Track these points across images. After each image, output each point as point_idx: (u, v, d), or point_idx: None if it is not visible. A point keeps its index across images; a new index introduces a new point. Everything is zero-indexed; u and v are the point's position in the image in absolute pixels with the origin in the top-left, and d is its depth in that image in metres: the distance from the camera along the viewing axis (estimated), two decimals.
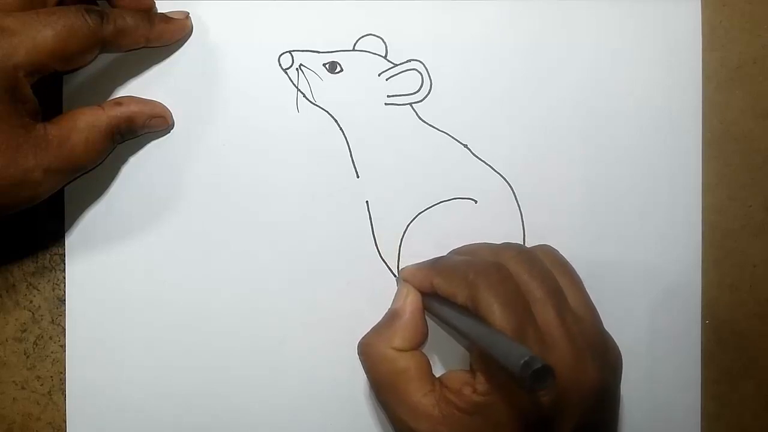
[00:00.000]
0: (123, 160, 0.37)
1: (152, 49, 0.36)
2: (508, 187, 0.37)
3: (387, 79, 0.37)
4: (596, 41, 0.38)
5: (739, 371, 0.38)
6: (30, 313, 0.37)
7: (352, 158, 0.37)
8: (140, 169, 0.37)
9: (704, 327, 0.38)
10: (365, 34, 0.37)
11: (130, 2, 0.34)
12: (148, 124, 0.36)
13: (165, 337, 0.37)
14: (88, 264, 0.37)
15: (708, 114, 0.38)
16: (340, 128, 0.37)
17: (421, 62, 0.37)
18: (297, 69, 0.37)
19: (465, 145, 0.37)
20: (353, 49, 0.37)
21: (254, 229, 0.37)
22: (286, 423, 0.37)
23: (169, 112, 0.37)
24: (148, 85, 0.37)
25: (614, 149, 0.38)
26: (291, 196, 0.37)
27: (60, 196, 0.37)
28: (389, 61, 0.37)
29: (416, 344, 0.33)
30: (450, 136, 0.37)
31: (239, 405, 0.37)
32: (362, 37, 0.37)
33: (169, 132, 0.37)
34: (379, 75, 0.37)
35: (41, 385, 0.37)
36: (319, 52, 0.37)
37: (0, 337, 0.37)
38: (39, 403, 0.37)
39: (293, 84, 0.37)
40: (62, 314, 0.37)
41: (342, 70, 0.37)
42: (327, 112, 0.37)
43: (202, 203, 0.37)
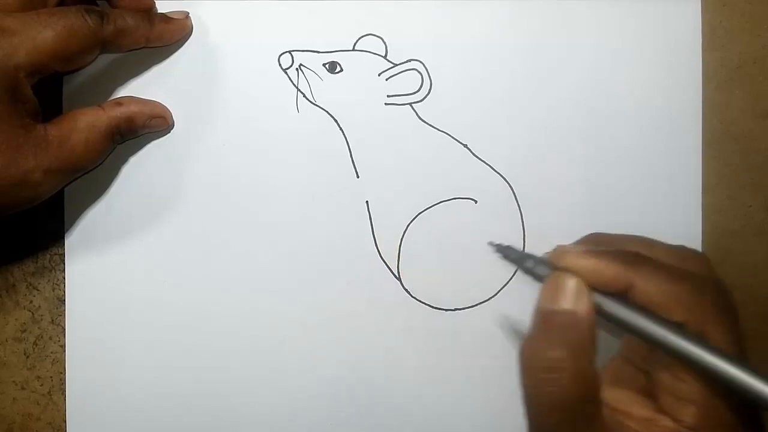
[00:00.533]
0: (123, 160, 0.37)
1: (152, 49, 0.36)
2: (508, 187, 0.37)
3: (387, 79, 0.37)
4: (596, 41, 0.38)
5: None
6: (30, 313, 0.37)
7: (352, 158, 0.37)
8: (140, 169, 0.37)
9: None
10: (365, 34, 0.37)
11: (130, 2, 0.34)
12: (148, 124, 0.36)
13: (165, 337, 0.37)
14: (88, 264, 0.37)
15: (708, 114, 0.38)
16: (340, 128, 0.37)
17: (421, 62, 0.37)
18: (297, 69, 0.37)
19: (465, 145, 0.37)
20: (353, 49, 0.37)
21: (254, 229, 0.37)
22: (286, 423, 0.37)
23: (169, 112, 0.37)
24: (148, 85, 0.37)
25: (614, 149, 0.38)
26: (291, 196, 0.37)
27: (60, 196, 0.37)
28: (389, 61, 0.37)
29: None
30: (450, 136, 0.37)
31: (239, 405, 0.37)
32: (362, 37, 0.37)
33: (169, 132, 0.37)
34: (379, 75, 0.37)
35: (41, 385, 0.37)
36: (319, 52, 0.37)
37: (0, 337, 0.37)
38: (39, 403, 0.37)
39: (293, 84, 0.37)
40: (62, 314, 0.37)
41: (342, 70, 0.37)
42: (327, 112, 0.37)
43: (202, 203, 0.37)
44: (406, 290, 0.37)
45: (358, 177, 0.37)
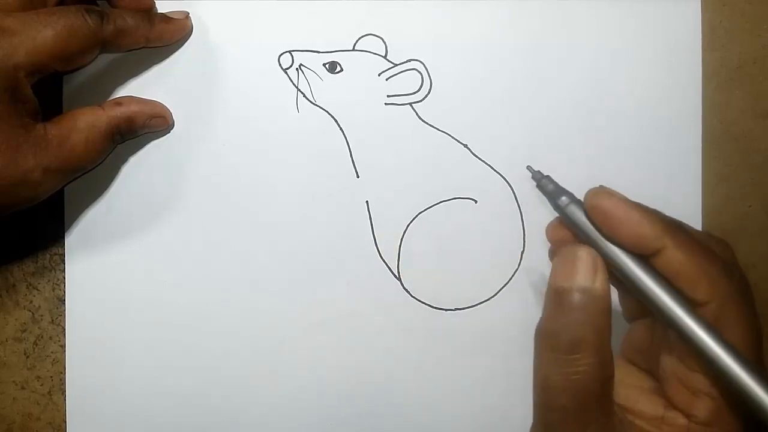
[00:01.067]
0: (123, 160, 0.37)
1: (152, 49, 0.36)
2: (508, 187, 0.37)
3: (387, 79, 0.37)
4: (596, 41, 0.38)
5: None
6: (30, 313, 0.37)
7: (352, 158, 0.37)
8: (140, 169, 0.37)
9: None
10: (365, 34, 0.37)
11: (130, 2, 0.34)
12: (148, 124, 0.36)
13: (165, 337, 0.37)
14: (88, 264, 0.37)
15: (708, 114, 0.38)
16: (340, 128, 0.37)
17: (421, 62, 0.37)
18: (297, 69, 0.37)
19: (465, 145, 0.37)
20: (353, 49, 0.37)
21: (254, 229, 0.37)
22: (286, 423, 0.37)
23: (169, 112, 0.37)
24: (148, 85, 0.37)
25: (614, 149, 0.38)
26: (291, 196, 0.37)
27: (60, 196, 0.37)
28: (389, 61, 0.37)
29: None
30: (450, 136, 0.37)
31: (239, 405, 0.37)
32: (362, 37, 0.37)
33: (169, 132, 0.37)
34: (379, 75, 0.37)
35: (41, 385, 0.37)
36: (319, 52, 0.37)
37: (0, 337, 0.37)
38: (39, 403, 0.37)
39: (293, 84, 0.37)
40: (62, 314, 0.37)
41: (342, 70, 0.37)
42: (327, 112, 0.37)
43: (202, 203, 0.37)
44: (406, 290, 0.37)
45: (358, 177, 0.37)
